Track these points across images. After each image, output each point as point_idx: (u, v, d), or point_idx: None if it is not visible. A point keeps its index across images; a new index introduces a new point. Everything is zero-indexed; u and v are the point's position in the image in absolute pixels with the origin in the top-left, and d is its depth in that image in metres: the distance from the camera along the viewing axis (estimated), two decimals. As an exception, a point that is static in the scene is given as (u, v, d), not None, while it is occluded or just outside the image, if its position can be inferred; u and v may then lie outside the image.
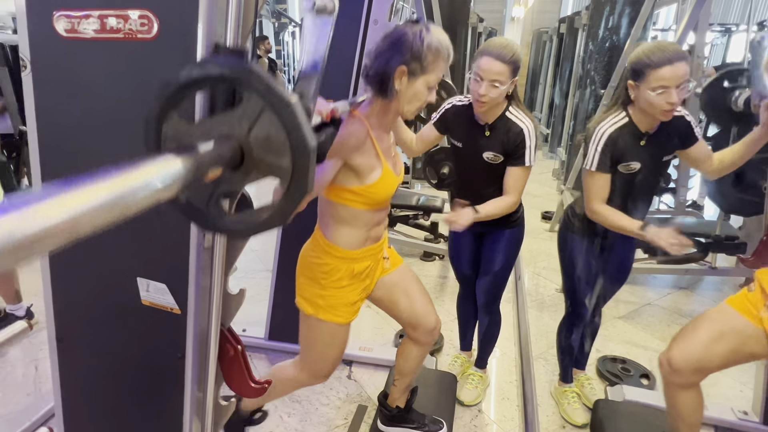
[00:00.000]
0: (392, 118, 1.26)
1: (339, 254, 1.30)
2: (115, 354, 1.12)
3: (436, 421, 1.80)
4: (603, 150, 1.55)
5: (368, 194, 1.23)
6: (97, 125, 0.94)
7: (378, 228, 1.36)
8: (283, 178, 0.60)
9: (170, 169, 0.47)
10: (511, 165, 1.63)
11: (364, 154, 1.19)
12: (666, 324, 2.72)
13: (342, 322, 1.37)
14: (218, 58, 0.65)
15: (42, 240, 0.33)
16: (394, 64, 1.12)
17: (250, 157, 0.59)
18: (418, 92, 1.18)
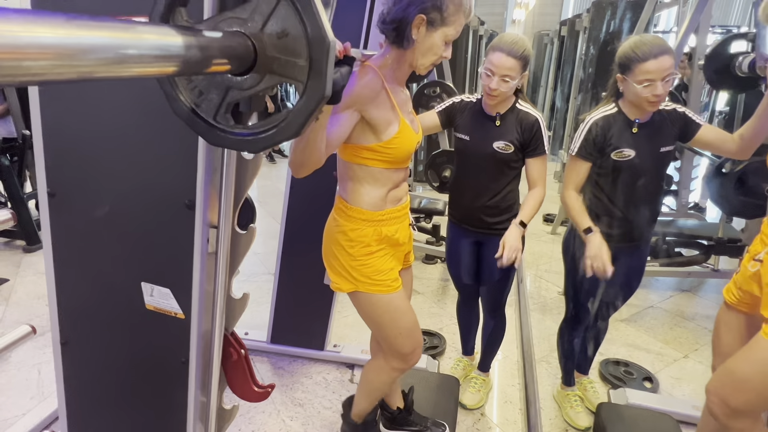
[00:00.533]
0: (406, 71, 1.21)
1: (363, 216, 1.25)
2: (118, 358, 1.13)
3: (439, 424, 1.80)
4: (587, 136, 1.60)
5: (387, 151, 1.19)
6: (103, 131, 0.95)
7: (399, 189, 1.31)
8: (299, 80, 0.56)
9: (169, 40, 0.44)
10: (531, 156, 1.66)
11: (380, 107, 1.15)
12: (669, 327, 2.72)
13: (386, 292, 1.29)
14: None
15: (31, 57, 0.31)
16: (414, 12, 1.08)
17: (263, 56, 0.55)
18: (435, 45, 1.14)
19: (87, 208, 1.00)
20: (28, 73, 0.32)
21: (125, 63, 0.40)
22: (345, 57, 0.84)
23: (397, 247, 1.35)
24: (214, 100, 0.62)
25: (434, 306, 2.92)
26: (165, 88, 0.64)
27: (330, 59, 0.55)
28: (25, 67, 0.32)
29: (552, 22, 9.78)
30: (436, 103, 2.84)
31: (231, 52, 0.52)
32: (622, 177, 1.60)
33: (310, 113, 0.57)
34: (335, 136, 1.10)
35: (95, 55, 0.37)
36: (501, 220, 1.72)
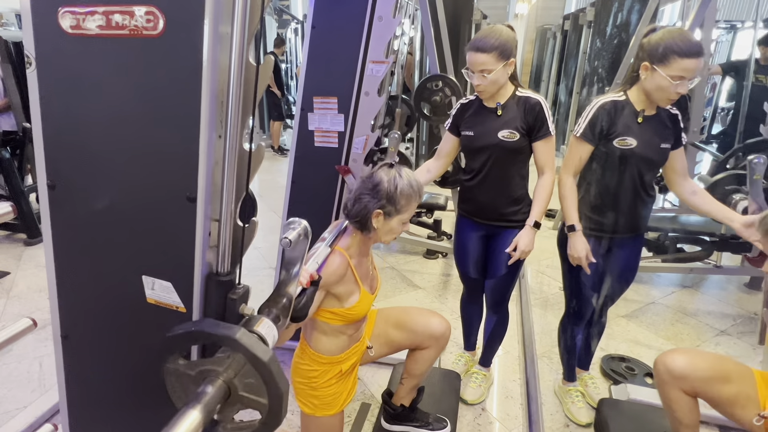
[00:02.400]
0: (370, 245, 1.42)
1: (325, 360, 1.42)
2: (119, 351, 1.12)
3: (440, 419, 1.80)
4: (592, 118, 1.60)
5: (347, 315, 1.36)
6: (102, 122, 0.94)
7: (358, 332, 1.49)
8: (261, 411, 0.79)
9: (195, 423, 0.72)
10: (537, 139, 1.66)
11: (345, 284, 1.32)
12: (670, 323, 2.71)
13: (338, 412, 1.48)
14: (208, 323, 0.82)
15: None
16: (372, 208, 1.29)
17: (235, 394, 0.79)
18: (393, 228, 1.35)
19: (87, 201, 0.99)
20: None
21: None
22: (312, 282, 1.07)
23: (354, 373, 1.52)
24: None
25: (435, 301, 2.91)
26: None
27: (284, 404, 0.79)
28: None
29: (555, 17, 9.71)
30: (438, 96, 2.82)
31: (217, 402, 0.77)
32: (621, 166, 1.59)
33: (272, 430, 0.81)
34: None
35: None
36: (514, 210, 1.73)
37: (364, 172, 1.91)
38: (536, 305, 2.84)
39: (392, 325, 1.59)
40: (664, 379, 1.40)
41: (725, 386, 1.33)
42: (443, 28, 3.03)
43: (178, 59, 0.84)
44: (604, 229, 1.68)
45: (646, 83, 1.50)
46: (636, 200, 1.64)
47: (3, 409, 1.89)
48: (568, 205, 1.67)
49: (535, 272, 3.32)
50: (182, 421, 0.70)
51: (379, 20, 1.80)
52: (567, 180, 1.67)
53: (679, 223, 3.16)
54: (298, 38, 8.81)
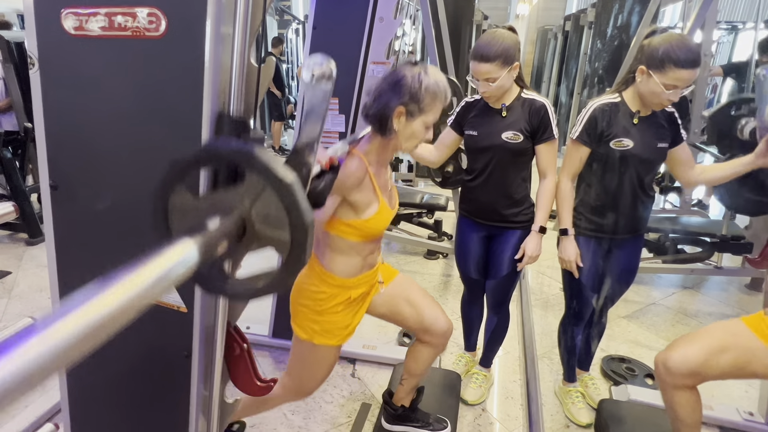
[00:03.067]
0: (390, 154, 1.31)
1: (336, 282, 1.33)
2: (120, 351, 1.13)
3: (440, 419, 1.80)
4: (589, 120, 1.61)
5: (364, 228, 1.27)
6: (104, 123, 0.94)
7: (373, 255, 1.40)
8: (282, 251, 0.65)
9: (187, 253, 0.53)
10: (540, 142, 1.66)
11: (363, 191, 1.23)
12: (671, 324, 2.71)
13: (335, 344, 1.40)
14: (222, 140, 0.71)
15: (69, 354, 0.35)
16: (393, 105, 1.18)
17: (251, 230, 0.65)
18: (416, 131, 1.24)
19: (89, 201, 1.00)
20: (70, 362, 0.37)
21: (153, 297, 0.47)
22: (330, 166, 0.95)
23: (363, 303, 1.44)
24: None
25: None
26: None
27: (309, 239, 0.64)
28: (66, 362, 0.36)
29: (556, 18, 9.71)
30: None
31: (228, 234, 0.62)
32: (619, 167, 1.60)
33: (293, 277, 0.67)
34: (319, 219, 1.22)
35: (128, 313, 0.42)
36: (515, 211, 1.73)
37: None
38: (537, 306, 2.84)
39: (406, 298, 1.52)
40: (666, 379, 1.38)
41: (725, 355, 1.30)
42: (444, 29, 3.03)
43: (180, 60, 0.85)
44: (603, 230, 1.69)
45: (640, 86, 1.52)
46: (635, 201, 1.64)
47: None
48: (563, 208, 1.70)
49: (535, 273, 3.32)
50: (170, 250, 0.52)
51: (380, 21, 1.81)
52: (565, 183, 1.69)
53: (680, 224, 3.16)
54: (299, 39, 8.81)
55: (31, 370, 0.32)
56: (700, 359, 1.31)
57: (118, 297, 0.41)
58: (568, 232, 1.69)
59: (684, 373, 1.33)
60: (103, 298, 0.40)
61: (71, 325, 0.35)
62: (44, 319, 0.34)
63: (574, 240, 1.69)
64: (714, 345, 1.31)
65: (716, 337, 1.33)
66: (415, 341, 1.63)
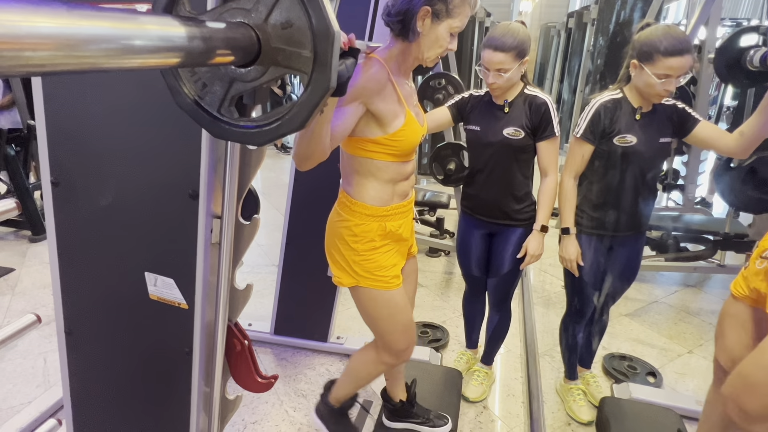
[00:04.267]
0: (412, 63, 1.20)
1: (367, 211, 1.23)
2: (122, 347, 1.13)
3: (441, 416, 1.80)
4: (592, 118, 1.60)
5: (392, 143, 1.17)
6: (105, 120, 0.94)
7: (404, 183, 1.29)
8: (303, 71, 0.55)
9: (171, 30, 0.43)
10: (541, 139, 1.65)
11: (386, 99, 1.13)
12: (673, 322, 2.71)
13: (386, 288, 1.29)
14: None
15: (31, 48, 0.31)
16: (419, 3, 1.07)
17: (267, 47, 0.55)
18: (441, 37, 1.13)
19: (91, 198, 1.00)
20: (29, 64, 0.32)
21: (127, 54, 0.39)
22: (350, 48, 0.83)
23: (401, 242, 1.34)
24: (218, 92, 0.61)
25: (438, 299, 2.92)
26: (168, 80, 0.63)
27: (335, 50, 0.54)
28: (25, 58, 0.31)
29: (559, 14, 9.67)
30: (441, 95, 2.82)
31: (234, 43, 0.52)
32: (622, 164, 1.59)
33: (315, 105, 0.56)
34: (340, 129, 1.08)
35: (96, 46, 0.36)
36: (517, 208, 1.73)
37: None
38: (538, 303, 2.84)
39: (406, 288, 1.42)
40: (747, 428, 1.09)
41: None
42: (446, 26, 3.02)
43: (181, 57, 0.84)
44: (605, 227, 1.69)
45: (635, 80, 1.53)
46: (637, 198, 1.64)
47: (8, 405, 1.90)
48: (565, 207, 1.69)
49: (537, 271, 3.32)
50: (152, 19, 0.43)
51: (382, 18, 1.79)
52: (567, 182, 1.68)
53: (683, 222, 3.15)
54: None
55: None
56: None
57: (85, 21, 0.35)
58: (569, 231, 1.69)
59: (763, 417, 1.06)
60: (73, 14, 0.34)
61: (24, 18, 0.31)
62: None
63: (575, 239, 1.69)
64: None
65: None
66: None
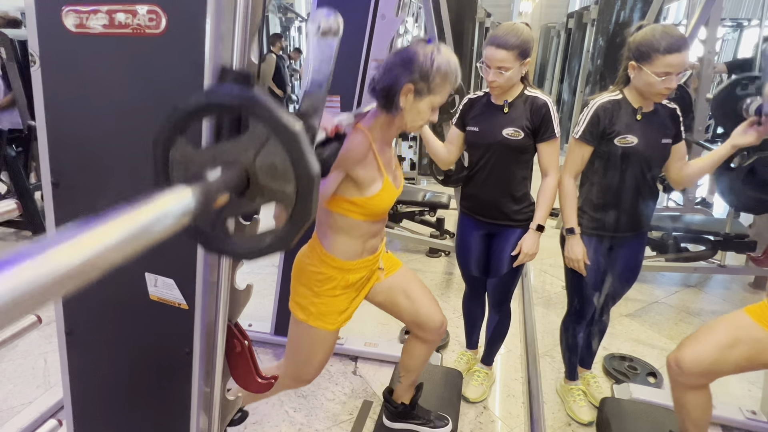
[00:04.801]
0: (395, 132, 1.28)
1: (335, 264, 1.32)
2: (123, 348, 1.13)
3: (442, 417, 1.80)
4: (591, 119, 1.60)
5: (368, 205, 1.25)
6: (106, 120, 0.94)
7: (375, 239, 1.38)
8: (287, 204, 0.62)
9: (182, 200, 0.50)
10: (542, 140, 1.65)
11: (366, 167, 1.21)
12: (674, 322, 2.70)
13: (331, 330, 1.38)
14: (225, 86, 0.67)
15: (59, 285, 0.33)
16: (402, 81, 1.15)
17: (255, 183, 0.62)
18: (422, 111, 1.21)
19: (91, 199, 1.00)
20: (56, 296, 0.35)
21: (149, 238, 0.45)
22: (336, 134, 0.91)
23: (362, 288, 1.43)
24: (210, 216, 0.66)
25: (438, 299, 2.91)
26: None
27: (315, 191, 0.61)
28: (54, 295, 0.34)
29: (559, 15, 9.67)
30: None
31: (230, 185, 0.59)
32: (623, 164, 1.59)
33: (298, 232, 0.63)
34: (323, 192, 1.17)
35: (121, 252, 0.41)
36: (516, 209, 1.73)
37: None
38: (539, 304, 2.84)
39: (405, 290, 1.50)
40: (679, 380, 1.37)
41: (736, 349, 1.29)
42: (447, 27, 3.02)
43: (180, 57, 0.85)
44: (606, 227, 1.69)
45: (635, 81, 1.53)
46: (638, 198, 1.64)
47: (8, 405, 1.90)
48: (567, 207, 1.69)
49: (537, 271, 3.32)
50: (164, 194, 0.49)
51: (382, 18, 1.80)
52: (567, 182, 1.68)
53: (683, 222, 3.15)
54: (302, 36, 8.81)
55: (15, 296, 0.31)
56: (713, 356, 1.31)
57: (109, 233, 0.40)
58: (574, 230, 1.68)
59: (698, 372, 1.33)
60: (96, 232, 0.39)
61: (62, 255, 0.34)
62: (33, 245, 0.33)
63: (580, 239, 1.68)
64: (723, 341, 1.31)
65: (724, 332, 1.32)
66: (409, 337, 1.63)
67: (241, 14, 0.80)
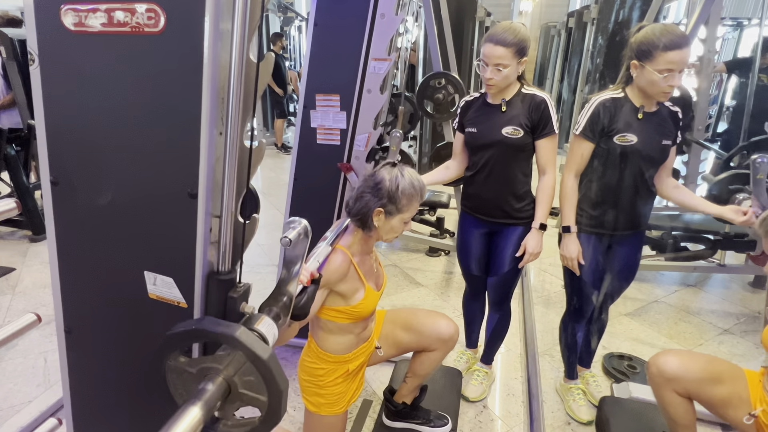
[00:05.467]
0: (373, 243, 1.41)
1: (332, 359, 1.43)
2: (122, 346, 1.13)
3: (441, 416, 1.81)
4: (592, 115, 1.60)
5: (353, 312, 1.36)
6: (105, 119, 0.94)
7: (366, 331, 1.48)
8: (261, 409, 0.79)
9: (195, 418, 0.73)
10: (540, 137, 1.65)
11: (348, 281, 1.32)
12: (673, 321, 2.71)
13: (342, 413, 1.49)
14: (209, 322, 0.82)
15: None
16: (373, 206, 1.30)
17: (235, 392, 0.79)
18: (395, 227, 1.35)
19: (90, 197, 1.00)
20: None
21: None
22: (312, 280, 1.07)
23: (361, 369, 1.54)
24: None
25: (437, 299, 2.92)
26: None
27: (283, 402, 0.78)
28: None
29: (559, 14, 9.67)
30: (441, 94, 2.82)
31: (217, 399, 0.77)
32: (621, 163, 1.59)
33: (270, 427, 0.80)
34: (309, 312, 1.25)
35: None
36: (517, 207, 1.73)
37: (366, 169, 1.92)
38: (538, 303, 2.84)
39: (400, 327, 1.59)
40: (656, 381, 1.41)
41: (717, 387, 1.33)
42: (446, 26, 3.02)
43: (179, 56, 0.85)
44: (604, 226, 1.69)
45: (638, 80, 1.53)
46: (636, 197, 1.64)
47: (8, 404, 1.91)
48: (566, 206, 1.69)
49: (537, 270, 3.32)
50: (183, 418, 0.72)
51: (382, 17, 1.80)
52: (569, 180, 1.68)
53: (683, 222, 3.15)
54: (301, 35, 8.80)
55: None
56: (695, 377, 1.34)
57: None
58: (570, 229, 1.68)
59: (675, 379, 1.36)
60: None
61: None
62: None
63: (576, 237, 1.69)
64: (714, 374, 1.35)
65: (719, 369, 1.36)
66: None
67: (240, 13, 0.80)
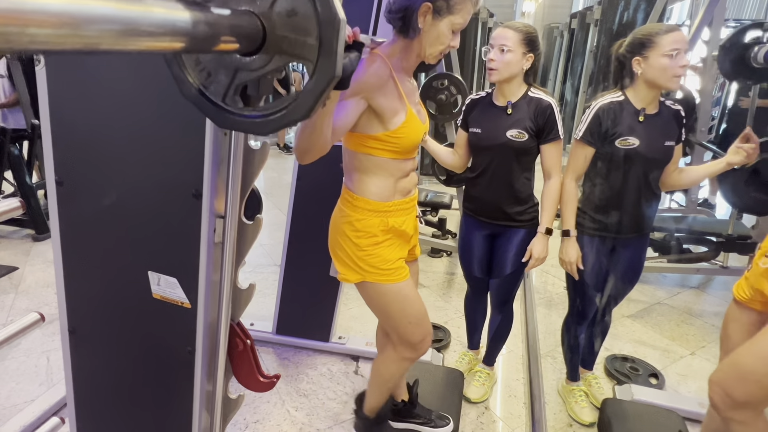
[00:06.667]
0: (414, 61, 1.20)
1: (369, 206, 1.24)
2: (125, 346, 1.14)
3: (443, 416, 1.80)
4: (592, 120, 1.60)
5: (393, 140, 1.18)
6: (110, 119, 0.95)
7: (406, 180, 1.29)
8: (308, 59, 0.55)
9: (176, 14, 0.43)
10: (545, 142, 1.65)
11: (387, 96, 1.13)
12: (676, 323, 2.70)
13: (393, 281, 1.28)
14: None
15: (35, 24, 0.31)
16: (419, 0, 1.07)
17: (272, 35, 0.54)
18: (442, 34, 1.12)
19: (94, 197, 1.00)
20: (32, 41, 0.32)
21: (131, 36, 0.39)
22: (354, 42, 0.82)
23: (403, 238, 1.34)
24: (222, 81, 0.60)
25: (439, 299, 2.92)
26: (173, 69, 0.62)
27: (341, 38, 0.54)
28: (28, 34, 0.31)
29: (562, 15, 9.66)
30: (443, 95, 2.82)
31: (239, 31, 0.51)
32: (625, 166, 1.59)
33: (321, 93, 0.56)
34: (341, 123, 1.09)
35: (100, 26, 0.36)
36: (519, 210, 1.73)
37: None
38: (540, 305, 2.84)
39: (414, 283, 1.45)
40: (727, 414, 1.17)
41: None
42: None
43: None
44: (608, 228, 1.68)
45: (647, 75, 1.51)
46: (640, 200, 1.64)
47: (11, 403, 1.91)
48: (567, 209, 1.69)
49: (539, 272, 3.31)
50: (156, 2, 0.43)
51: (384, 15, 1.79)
52: (569, 184, 1.67)
53: (686, 224, 3.14)
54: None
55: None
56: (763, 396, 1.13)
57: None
58: (570, 233, 1.68)
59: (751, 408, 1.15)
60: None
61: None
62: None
63: (575, 242, 1.69)
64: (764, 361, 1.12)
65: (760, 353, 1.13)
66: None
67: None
